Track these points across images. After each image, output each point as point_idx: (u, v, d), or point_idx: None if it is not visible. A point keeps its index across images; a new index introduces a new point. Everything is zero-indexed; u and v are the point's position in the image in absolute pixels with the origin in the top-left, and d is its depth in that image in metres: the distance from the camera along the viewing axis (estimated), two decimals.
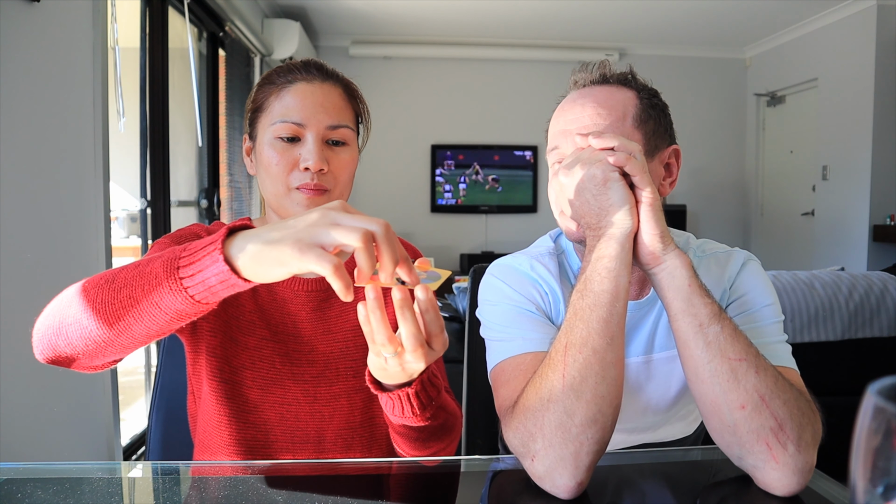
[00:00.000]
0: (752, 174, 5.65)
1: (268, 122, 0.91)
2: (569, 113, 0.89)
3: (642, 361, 0.94)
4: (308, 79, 0.91)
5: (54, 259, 1.76)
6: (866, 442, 0.31)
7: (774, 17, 4.68)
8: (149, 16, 2.71)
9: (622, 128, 0.86)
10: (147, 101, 2.70)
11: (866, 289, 1.89)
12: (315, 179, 0.88)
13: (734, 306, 0.90)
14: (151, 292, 0.59)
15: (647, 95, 0.90)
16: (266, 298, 0.94)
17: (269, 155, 0.89)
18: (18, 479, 0.74)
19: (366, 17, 4.79)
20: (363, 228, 0.55)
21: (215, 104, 3.66)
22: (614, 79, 0.91)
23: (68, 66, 1.84)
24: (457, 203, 5.57)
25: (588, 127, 0.86)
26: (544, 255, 0.96)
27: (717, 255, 0.95)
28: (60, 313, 0.65)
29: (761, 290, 0.91)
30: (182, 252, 0.59)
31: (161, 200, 2.76)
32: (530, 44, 5.37)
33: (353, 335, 0.96)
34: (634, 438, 0.99)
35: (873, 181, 4.19)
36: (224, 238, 0.58)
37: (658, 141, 0.90)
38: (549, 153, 0.93)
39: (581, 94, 0.91)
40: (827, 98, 4.62)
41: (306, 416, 0.92)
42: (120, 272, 0.63)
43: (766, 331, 0.86)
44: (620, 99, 0.88)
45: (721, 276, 0.92)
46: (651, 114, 0.89)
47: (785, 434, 0.69)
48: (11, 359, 1.52)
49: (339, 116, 0.91)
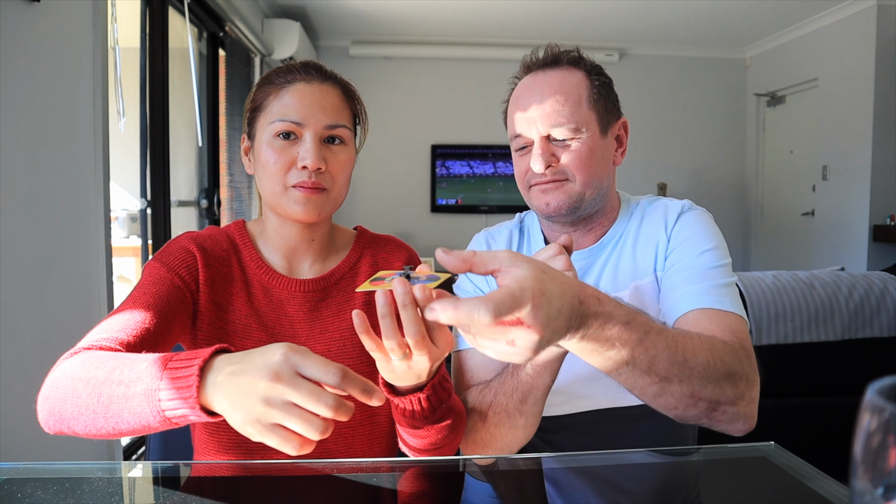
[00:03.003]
0: (752, 174, 5.65)
1: (266, 121, 0.92)
2: (528, 100, 0.99)
3: None
4: (307, 79, 0.92)
5: (54, 259, 1.76)
6: (866, 442, 0.31)
7: (774, 17, 4.68)
8: (149, 16, 2.71)
9: (579, 111, 0.97)
10: (147, 101, 2.69)
11: (866, 289, 1.89)
12: (313, 178, 0.90)
13: (671, 258, 0.97)
14: (138, 418, 0.63)
15: (595, 73, 1.01)
16: (262, 301, 0.95)
17: (267, 153, 0.90)
18: (18, 479, 0.74)
19: (366, 17, 4.79)
20: (321, 405, 0.55)
21: (215, 104, 3.66)
22: (566, 59, 1.00)
23: (68, 66, 1.84)
24: (457, 203, 5.57)
25: (549, 115, 0.96)
26: (501, 231, 1.11)
27: (658, 206, 1.04)
28: (60, 407, 0.68)
29: (699, 237, 0.97)
30: (160, 394, 0.61)
31: (161, 200, 2.76)
32: (530, 44, 5.28)
33: (350, 334, 0.97)
34: (597, 401, 1.01)
35: (873, 181, 4.19)
36: (199, 382, 0.60)
37: (609, 117, 1.01)
38: (512, 139, 1.03)
39: (536, 80, 1.00)
40: (827, 98, 4.62)
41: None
42: (105, 385, 0.65)
43: (705, 275, 0.92)
44: (574, 83, 0.98)
45: (658, 227, 1.01)
46: (602, 92, 1.00)
47: (722, 408, 0.75)
48: (11, 359, 1.52)
49: (336, 116, 0.92)
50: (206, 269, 0.93)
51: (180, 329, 0.89)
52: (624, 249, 1.03)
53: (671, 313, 0.91)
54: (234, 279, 0.96)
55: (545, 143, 0.97)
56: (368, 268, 1.02)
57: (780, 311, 1.82)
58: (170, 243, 0.95)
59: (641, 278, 1.00)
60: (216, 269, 0.95)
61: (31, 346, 1.60)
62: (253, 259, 0.97)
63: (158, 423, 0.62)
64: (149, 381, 0.62)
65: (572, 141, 0.97)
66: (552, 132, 0.97)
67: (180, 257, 0.92)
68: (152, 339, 0.81)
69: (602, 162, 0.99)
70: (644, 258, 1.01)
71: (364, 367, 0.94)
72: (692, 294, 0.90)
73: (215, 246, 0.96)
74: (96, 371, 0.67)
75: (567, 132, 0.96)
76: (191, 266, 0.92)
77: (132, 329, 0.79)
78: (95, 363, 0.68)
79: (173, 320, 0.86)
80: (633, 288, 1.00)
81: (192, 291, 0.91)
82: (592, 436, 1.02)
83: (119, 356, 0.68)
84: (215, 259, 0.95)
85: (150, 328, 0.81)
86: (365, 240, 1.05)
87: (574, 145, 0.97)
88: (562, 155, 0.97)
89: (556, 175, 0.97)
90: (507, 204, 5.56)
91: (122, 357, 0.68)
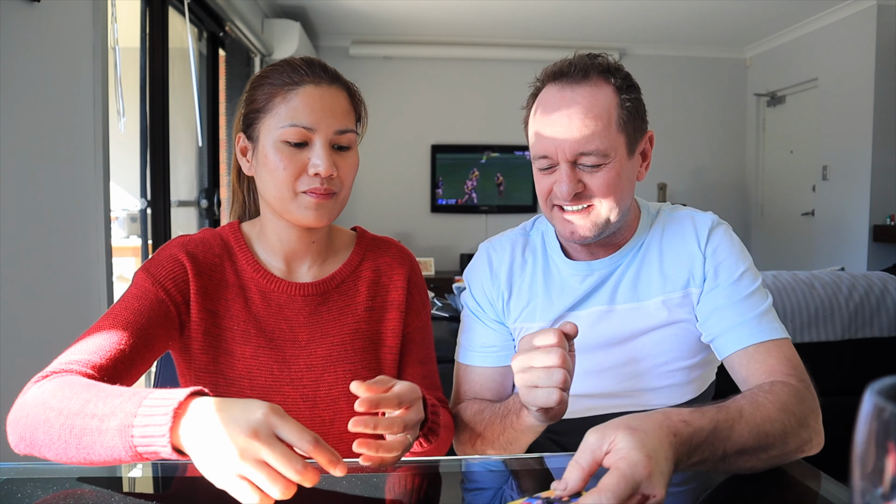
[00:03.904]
0: (752, 174, 5.65)
1: (274, 124, 0.88)
2: (554, 118, 0.94)
3: (605, 311, 1.01)
4: (316, 81, 0.89)
5: (54, 259, 1.76)
6: (866, 442, 0.31)
7: (774, 17, 4.68)
8: (149, 16, 2.71)
9: (608, 136, 0.92)
10: (147, 101, 2.70)
11: (866, 289, 1.89)
12: (325, 184, 0.88)
13: (711, 282, 0.98)
14: (109, 451, 0.64)
15: (624, 86, 0.95)
16: (260, 306, 0.94)
17: (276, 159, 0.88)
18: (18, 479, 0.74)
19: (366, 17, 4.79)
20: (291, 468, 0.57)
21: (215, 104, 3.66)
22: (596, 71, 0.95)
23: (68, 66, 1.84)
24: (457, 203, 5.57)
25: (577, 141, 0.91)
26: (503, 243, 1.10)
27: (682, 217, 1.04)
28: (31, 433, 0.69)
29: (734, 258, 0.98)
30: (133, 430, 0.62)
31: (161, 200, 2.76)
32: (530, 44, 5.37)
33: (351, 338, 0.96)
34: (612, 403, 1.02)
35: (873, 181, 4.19)
36: (173, 424, 0.61)
37: (637, 135, 0.98)
38: (535, 159, 0.98)
39: (564, 95, 0.94)
40: (827, 98, 4.62)
41: (307, 421, 0.91)
42: (77, 417, 0.65)
43: (748, 304, 0.94)
44: (603, 103, 0.93)
45: (689, 241, 1.01)
46: (631, 111, 0.95)
47: (801, 450, 0.78)
48: (11, 358, 1.52)
49: (345, 121, 0.91)
50: (197, 279, 0.91)
51: (163, 344, 0.88)
52: (646, 259, 1.02)
53: (725, 346, 0.93)
54: (229, 285, 0.94)
55: (571, 168, 0.94)
56: (370, 272, 1.00)
57: (780, 312, 1.82)
58: (160, 251, 0.93)
59: (670, 292, 0.99)
60: (208, 276, 0.93)
61: (31, 345, 1.60)
62: (249, 262, 0.95)
63: (129, 458, 0.63)
64: (122, 417, 0.63)
65: (600, 167, 0.93)
66: (579, 159, 0.93)
67: (168, 267, 0.90)
68: (127, 361, 0.80)
69: (628, 184, 0.97)
70: (674, 272, 1.00)
71: (364, 373, 0.94)
72: (743, 327, 0.92)
73: (207, 252, 0.94)
74: (69, 402, 0.67)
75: (595, 159, 0.93)
76: (178, 277, 0.90)
77: (106, 351, 0.79)
78: (68, 393, 0.68)
79: (154, 338, 0.85)
80: (661, 302, 1.00)
81: (178, 304, 0.89)
82: None
83: (92, 387, 0.69)
84: (207, 266, 0.93)
85: (125, 349, 0.80)
86: (366, 242, 1.04)
87: (601, 171, 0.94)
88: (588, 180, 0.94)
89: (581, 201, 0.95)
90: (507, 204, 5.56)
91: (95, 388, 0.68)
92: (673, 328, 1.00)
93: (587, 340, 0.99)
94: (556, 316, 1.02)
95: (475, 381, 1.05)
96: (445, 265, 5.48)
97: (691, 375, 1.03)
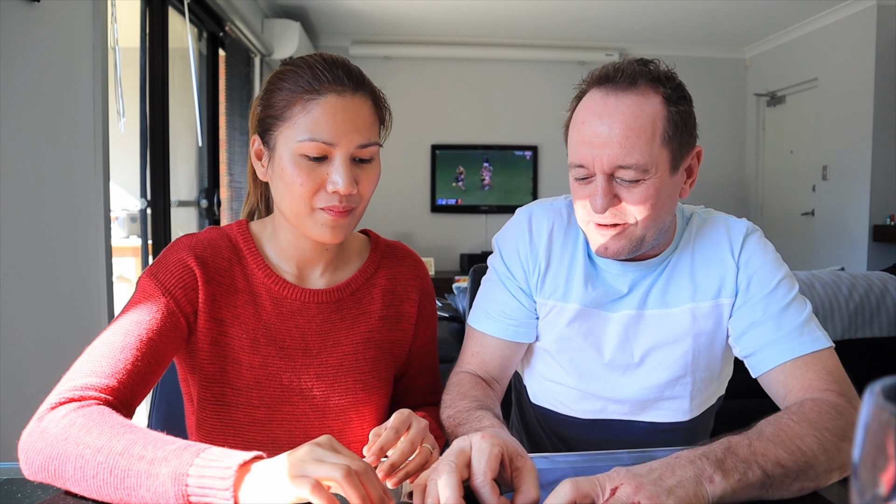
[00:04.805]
0: (752, 174, 5.65)
1: (292, 135, 0.82)
2: (595, 127, 0.87)
3: (634, 315, 0.98)
4: (339, 90, 0.82)
5: (54, 259, 1.76)
6: (866, 442, 0.31)
7: (774, 17, 4.68)
8: (149, 16, 2.71)
9: (650, 150, 0.85)
10: (147, 101, 2.70)
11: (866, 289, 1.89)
12: (344, 202, 0.83)
13: (744, 294, 0.94)
14: (156, 496, 0.62)
15: (674, 97, 0.88)
16: (271, 313, 0.90)
17: (293, 173, 0.82)
18: (18, 479, 0.74)
19: (366, 17, 4.79)
20: (346, 465, 0.58)
21: (215, 104, 3.66)
22: (645, 78, 0.87)
23: (68, 66, 1.84)
24: (457, 203, 5.57)
25: (616, 155, 0.85)
26: (545, 215, 1.03)
27: (717, 222, 1.00)
28: (59, 466, 0.66)
29: (769, 267, 0.94)
30: (188, 479, 0.61)
31: (161, 200, 2.76)
32: (530, 44, 5.37)
33: (363, 347, 0.93)
34: (625, 410, 1.01)
35: (873, 181, 4.19)
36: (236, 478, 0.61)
37: (683, 150, 0.90)
38: (572, 167, 0.92)
39: (608, 103, 0.87)
40: (827, 98, 4.62)
41: (316, 432, 0.89)
42: (122, 457, 0.64)
43: (785, 316, 0.90)
44: (649, 114, 0.86)
45: (722, 249, 0.97)
46: (679, 124, 0.88)
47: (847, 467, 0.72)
48: (12, 359, 1.52)
49: (369, 134, 0.85)
50: (207, 286, 0.87)
51: (171, 356, 0.85)
52: (678, 265, 0.98)
53: (761, 363, 0.89)
54: (238, 290, 0.89)
55: (607, 181, 0.87)
56: (386, 280, 0.97)
57: None
58: (167, 254, 0.88)
59: (699, 301, 0.96)
60: (217, 281, 0.88)
61: (31, 346, 1.60)
62: (260, 266, 0.91)
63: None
64: (177, 464, 0.62)
65: (638, 182, 0.87)
66: (617, 172, 0.87)
67: (177, 274, 0.85)
68: (142, 382, 0.78)
69: (668, 201, 0.90)
70: (705, 281, 0.96)
71: (375, 383, 0.93)
72: (781, 342, 0.88)
73: (216, 255, 0.89)
74: (110, 441, 0.66)
75: (633, 173, 0.86)
76: (188, 285, 0.85)
77: (121, 372, 0.76)
78: (105, 430, 0.67)
79: (165, 352, 0.82)
80: (690, 310, 0.96)
81: (187, 314, 0.85)
82: (610, 443, 1.03)
83: (136, 429, 0.68)
84: (216, 271, 0.88)
85: (140, 369, 0.78)
86: (381, 249, 1.00)
87: (639, 187, 0.87)
88: (624, 195, 0.88)
89: (616, 218, 0.89)
90: (507, 204, 5.56)
91: (139, 431, 0.68)
92: (695, 340, 0.97)
93: (612, 342, 0.98)
94: (590, 305, 0.99)
95: (483, 351, 1.02)
96: (445, 265, 5.48)
97: (704, 389, 1.01)
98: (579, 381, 1.02)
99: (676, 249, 0.99)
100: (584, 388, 1.02)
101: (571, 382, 1.02)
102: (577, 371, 1.01)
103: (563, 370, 1.03)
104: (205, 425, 0.89)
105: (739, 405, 1.17)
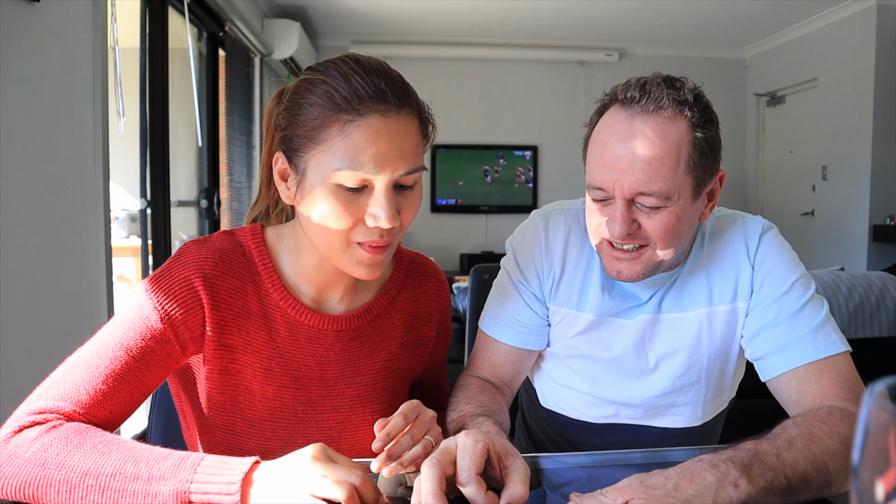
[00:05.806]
0: (752, 174, 5.65)
1: (328, 162, 0.72)
2: (616, 149, 0.84)
3: (650, 319, 0.96)
4: (382, 110, 0.72)
5: (54, 259, 1.76)
6: (866, 442, 0.31)
7: (774, 17, 4.68)
8: (149, 16, 2.70)
9: (674, 178, 0.82)
10: (147, 101, 2.69)
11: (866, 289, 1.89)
12: (385, 236, 0.75)
13: (759, 295, 0.92)
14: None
15: (701, 121, 0.84)
16: (286, 341, 0.82)
17: (329, 205, 0.73)
18: None
19: (366, 17, 4.78)
20: (349, 484, 0.59)
21: (215, 104, 3.66)
22: (671, 101, 0.83)
23: (68, 66, 1.84)
24: (457, 203, 5.57)
25: (638, 180, 0.82)
26: (559, 223, 1.00)
27: (732, 222, 0.97)
28: (42, 491, 0.64)
29: (785, 266, 0.92)
30: (191, 496, 0.61)
31: (161, 200, 2.76)
32: (530, 44, 5.37)
33: (382, 377, 0.88)
34: (638, 415, 1.01)
35: (873, 181, 4.19)
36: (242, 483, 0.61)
37: (707, 176, 0.87)
38: (590, 188, 0.88)
39: (632, 125, 0.83)
40: (827, 98, 4.62)
41: None
42: (114, 479, 0.63)
43: (800, 318, 0.87)
44: (674, 140, 0.82)
45: (738, 250, 0.94)
46: (704, 149, 0.84)
47: None
48: (11, 359, 1.52)
49: (414, 158, 0.75)
50: (215, 312, 0.78)
51: (158, 384, 0.78)
52: (694, 268, 0.96)
53: (772, 367, 0.87)
54: (251, 313, 0.81)
55: (627, 206, 0.84)
56: (407, 303, 0.91)
57: None
58: (172, 267, 0.78)
59: (716, 305, 0.94)
60: (228, 304, 0.79)
61: (31, 346, 1.60)
62: (276, 287, 0.82)
63: None
64: (176, 483, 0.62)
65: (659, 209, 0.84)
66: (638, 198, 0.84)
67: (180, 297, 0.76)
68: (120, 413, 0.74)
69: (688, 227, 0.88)
70: (721, 284, 0.94)
71: (391, 413, 0.90)
72: (794, 346, 0.85)
73: (227, 272, 0.80)
74: (96, 462, 0.63)
75: (655, 200, 0.83)
76: (190, 310, 0.77)
77: (100, 403, 0.71)
78: (87, 451, 0.64)
79: (150, 381, 0.76)
80: (706, 314, 0.94)
81: (184, 341, 0.77)
82: (621, 447, 1.02)
83: (120, 446, 0.65)
84: (226, 293, 0.79)
85: (120, 400, 0.73)
86: (405, 267, 0.93)
87: (660, 214, 0.84)
88: (644, 221, 0.85)
89: (633, 241, 0.87)
90: (507, 204, 5.56)
91: (126, 448, 0.65)
92: (710, 345, 0.96)
93: (628, 348, 0.97)
94: (606, 314, 0.97)
95: (494, 357, 1.01)
96: (445, 265, 5.47)
97: (718, 395, 1.01)
98: (592, 387, 1.00)
99: (690, 253, 0.97)
100: (597, 393, 1.00)
101: (584, 388, 1.01)
102: (590, 377, 1.00)
103: (577, 375, 1.01)
104: (213, 451, 0.85)
105: (744, 404, 1.16)
